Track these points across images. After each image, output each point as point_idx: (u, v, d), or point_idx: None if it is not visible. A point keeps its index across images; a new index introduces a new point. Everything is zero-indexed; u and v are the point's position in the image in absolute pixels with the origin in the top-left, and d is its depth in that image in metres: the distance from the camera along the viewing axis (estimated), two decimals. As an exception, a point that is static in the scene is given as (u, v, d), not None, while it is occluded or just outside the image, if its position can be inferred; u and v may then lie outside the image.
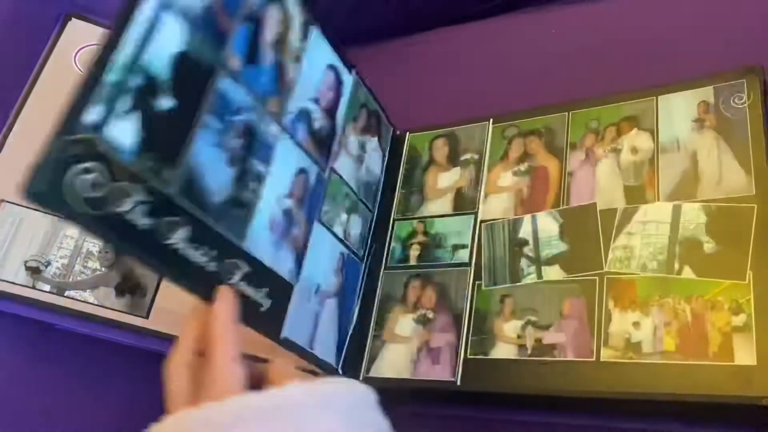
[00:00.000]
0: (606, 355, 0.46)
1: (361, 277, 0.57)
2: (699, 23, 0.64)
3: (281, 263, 0.46)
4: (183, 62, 0.40)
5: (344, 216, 0.54)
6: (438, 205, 0.60)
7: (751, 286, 0.43)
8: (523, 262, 0.53)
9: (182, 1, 0.40)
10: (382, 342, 0.55)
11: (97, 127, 0.35)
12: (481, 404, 0.53)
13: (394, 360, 0.54)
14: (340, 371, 0.54)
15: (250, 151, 0.44)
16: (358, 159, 0.56)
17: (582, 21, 0.71)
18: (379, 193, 0.61)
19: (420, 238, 0.59)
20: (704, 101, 0.52)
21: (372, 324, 0.56)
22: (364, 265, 0.57)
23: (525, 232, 0.54)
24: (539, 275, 0.51)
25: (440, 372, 0.51)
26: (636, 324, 0.46)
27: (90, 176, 0.34)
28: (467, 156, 0.61)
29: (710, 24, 0.63)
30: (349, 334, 0.55)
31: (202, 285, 0.39)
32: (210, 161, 0.41)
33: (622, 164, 0.53)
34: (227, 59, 0.43)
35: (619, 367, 0.45)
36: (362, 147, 0.57)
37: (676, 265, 0.47)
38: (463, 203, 0.58)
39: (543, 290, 0.51)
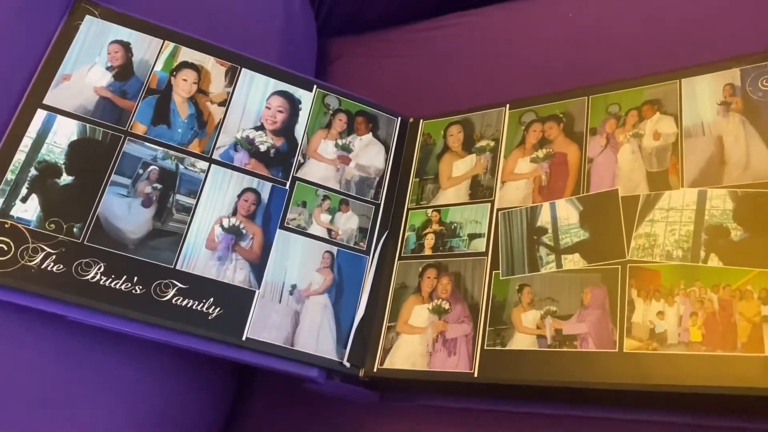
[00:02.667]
0: (629, 345, 0.44)
1: (366, 269, 0.56)
2: (722, 4, 0.62)
3: (231, 274, 0.52)
4: (78, 147, 0.52)
5: (325, 216, 0.57)
6: (453, 193, 0.58)
7: (781, 274, 0.42)
8: (542, 251, 0.51)
9: (73, 103, 0.52)
10: (396, 333, 0.54)
11: (2, 212, 0.48)
12: (498, 397, 0.52)
13: (409, 351, 0.53)
14: (346, 363, 0.53)
15: (172, 189, 0.53)
16: (341, 159, 0.59)
17: (599, 4, 0.70)
18: (385, 183, 0.60)
19: (435, 227, 0.58)
20: (730, 84, 0.50)
21: (386, 315, 0.55)
22: (370, 257, 0.57)
23: (543, 220, 0.52)
24: (559, 264, 0.50)
25: (457, 363, 0.50)
26: (660, 314, 0.44)
27: None
28: (483, 143, 0.59)
29: (734, 5, 0.61)
30: (354, 326, 0.54)
31: (135, 305, 0.49)
32: (121, 208, 0.51)
33: (644, 149, 0.51)
34: (131, 128, 0.53)
35: (642, 358, 0.44)
36: (345, 148, 0.60)
37: (702, 253, 0.45)
38: (479, 191, 0.57)
39: (563, 279, 0.49)
